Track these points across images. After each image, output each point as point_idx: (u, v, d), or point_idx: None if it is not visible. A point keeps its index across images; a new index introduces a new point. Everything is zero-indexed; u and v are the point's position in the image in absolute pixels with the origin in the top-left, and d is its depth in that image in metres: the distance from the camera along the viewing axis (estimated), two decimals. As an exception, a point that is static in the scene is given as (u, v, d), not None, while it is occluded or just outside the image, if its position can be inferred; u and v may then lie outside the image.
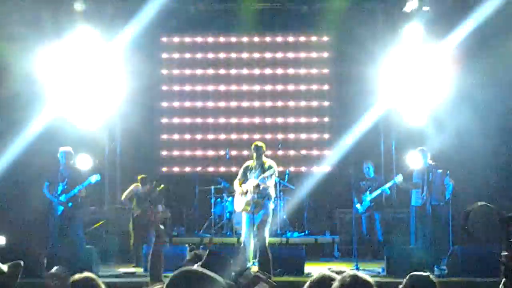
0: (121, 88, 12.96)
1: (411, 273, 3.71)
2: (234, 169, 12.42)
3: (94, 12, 11.93)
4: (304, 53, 13.77)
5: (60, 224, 9.74)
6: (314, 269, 8.92)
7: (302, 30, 13.63)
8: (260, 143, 10.05)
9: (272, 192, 9.82)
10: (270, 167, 9.75)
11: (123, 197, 10.87)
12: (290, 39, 13.80)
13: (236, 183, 10.03)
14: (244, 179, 9.90)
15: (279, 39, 13.83)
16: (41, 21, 10.96)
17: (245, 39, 13.85)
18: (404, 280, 3.69)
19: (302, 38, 13.79)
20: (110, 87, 12.66)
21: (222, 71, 13.81)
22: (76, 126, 11.93)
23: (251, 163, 9.98)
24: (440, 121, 11.73)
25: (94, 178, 9.91)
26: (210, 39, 13.84)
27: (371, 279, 3.26)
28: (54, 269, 4.35)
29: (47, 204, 9.79)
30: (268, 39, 13.86)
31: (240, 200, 9.83)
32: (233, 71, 13.81)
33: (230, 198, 11.76)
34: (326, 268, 4.18)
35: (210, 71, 13.82)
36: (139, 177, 10.81)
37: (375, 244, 11.45)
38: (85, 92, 12.02)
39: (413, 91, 12.03)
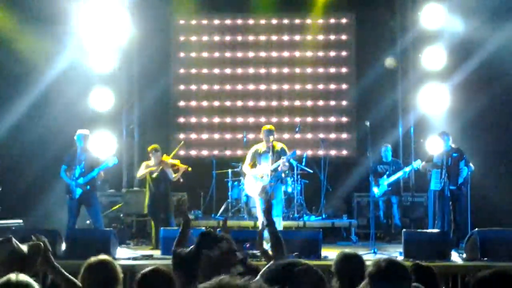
0: (138, 71, 13.01)
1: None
2: (251, 152, 12.43)
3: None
4: (322, 36, 13.66)
5: (78, 207, 9.79)
6: (331, 253, 8.90)
7: (320, 12, 13.51)
8: (270, 126, 10.01)
9: (283, 175, 9.86)
10: (282, 150, 9.74)
11: (139, 175, 10.72)
12: (308, 21, 13.69)
13: (246, 167, 10.00)
14: (253, 163, 9.90)
15: (297, 21, 13.73)
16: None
17: (262, 21, 13.76)
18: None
19: (320, 20, 13.67)
20: (127, 69, 12.71)
21: (239, 54, 13.75)
22: (95, 109, 12.01)
23: (260, 146, 9.96)
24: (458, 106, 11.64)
25: (112, 161, 9.92)
26: (228, 22, 13.78)
27: (406, 264, 3.27)
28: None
29: (65, 187, 9.83)
30: (286, 21, 13.76)
31: (255, 185, 9.82)
32: (250, 54, 13.75)
33: (247, 182, 11.77)
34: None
35: (228, 54, 13.77)
36: (149, 148, 10.65)
37: (392, 228, 11.41)
38: (104, 73, 12.09)
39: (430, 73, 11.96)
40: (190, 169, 10.56)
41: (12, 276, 2.87)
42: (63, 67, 11.22)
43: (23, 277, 2.88)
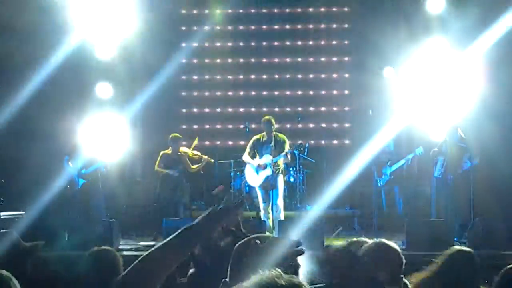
0: (140, 62, 12.97)
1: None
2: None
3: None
4: (324, 24, 13.61)
5: (80, 197, 9.82)
6: (334, 243, 8.89)
7: (322, 1, 13.48)
8: (269, 117, 10.02)
9: (281, 165, 9.88)
10: (283, 142, 9.77)
11: (156, 167, 10.70)
12: (310, 9, 13.65)
13: (246, 156, 10.02)
14: (253, 153, 9.92)
15: (298, 9, 13.68)
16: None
17: (264, 10, 13.71)
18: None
19: (323, 9, 13.62)
20: (130, 60, 12.67)
21: (241, 44, 13.72)
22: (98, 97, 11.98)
23: (260, 136, 9.97)
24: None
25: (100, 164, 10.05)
26: (229, 11, 13.73)
27: (397, 247, 3.25)
28: None
29: (67, 178, 9.84)
30: (287, 10, 13.71)
31: (256, 175, 9.83)
32: (252, 43, 13.71)
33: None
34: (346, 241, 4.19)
35: (229, 44, 13.74)
36: (170, 136, 10.74)
37: (395, 217, 11.38)
38: (107, 65, 12.05)
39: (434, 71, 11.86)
40: (212, 160, 10.65)
41: None
42: (65, 56, 11.18)
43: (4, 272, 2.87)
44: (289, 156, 10.00)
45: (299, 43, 13.64)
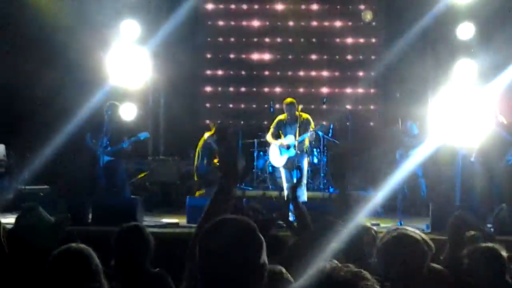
0: (164, 39, 12.90)
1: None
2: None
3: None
4: (351, 5, 13.47)
5: (105, 174, 9.84)
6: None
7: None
8: (290, 100, 9.89)
9: (306, 145, 9.82)
10: (307, 121, 9.65)
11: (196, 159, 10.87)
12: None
13: (269, 137, 9.96)
14: (277, 133, 9.86)
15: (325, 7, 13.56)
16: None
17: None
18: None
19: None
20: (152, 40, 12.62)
21: (267, 23, 13.66)
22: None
23: (284, 117, 9.89)
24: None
25: (143, 135, 10.01)
26: (256, 7, 13.63)
27: (418, 236, 3.16)
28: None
29: (90, 155, 9.87)
30: (315, 7, 13.58)
31: (280, 155, 9.79)
32: (279, 23, 13.64)
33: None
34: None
35: (256, 23, 13.66)
36: (211, 125, 10.89)
37: (418, 201, 11.29)
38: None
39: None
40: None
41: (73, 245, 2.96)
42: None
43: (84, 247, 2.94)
44: (313, 136, 9.87)
45: (326, 24, 13.51)
